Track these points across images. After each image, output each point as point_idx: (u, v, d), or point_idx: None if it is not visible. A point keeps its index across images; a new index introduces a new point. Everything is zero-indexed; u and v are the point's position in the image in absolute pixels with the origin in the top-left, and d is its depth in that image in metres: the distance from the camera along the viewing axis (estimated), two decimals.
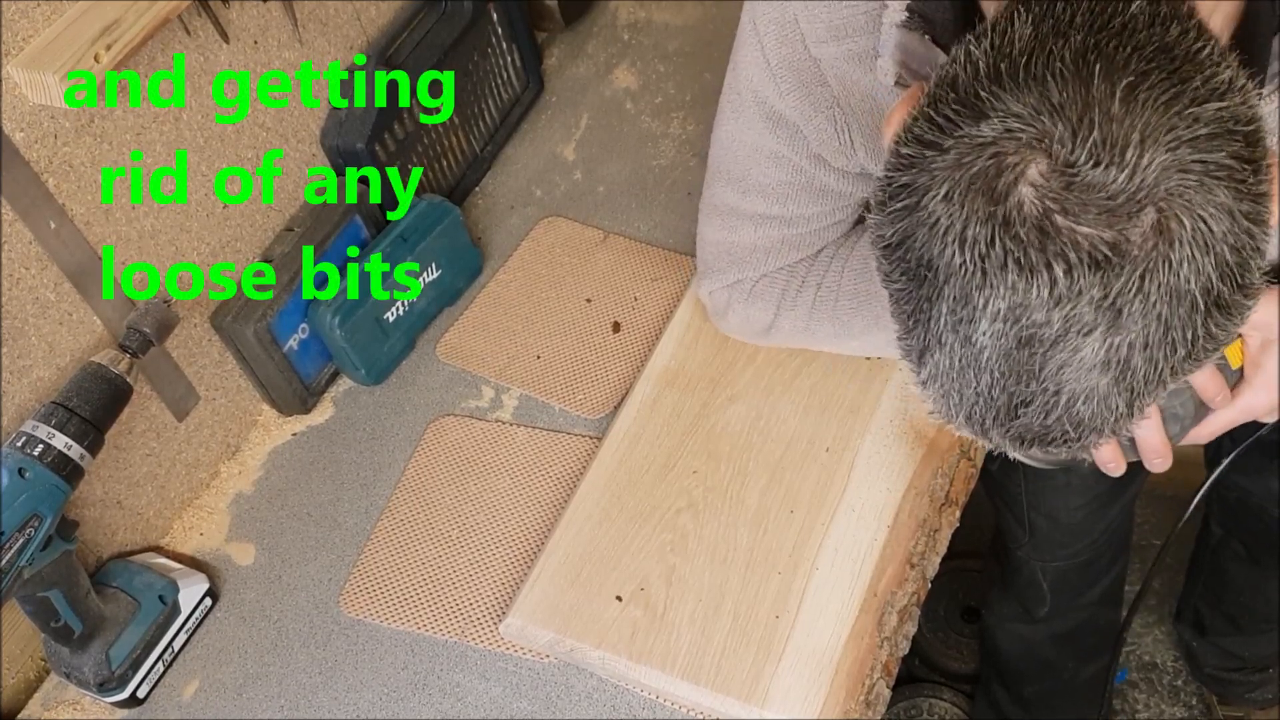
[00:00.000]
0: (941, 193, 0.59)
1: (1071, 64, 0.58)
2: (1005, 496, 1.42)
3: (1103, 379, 0.60)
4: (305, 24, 1.26)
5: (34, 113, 1.01)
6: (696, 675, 1.02)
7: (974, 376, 0.62)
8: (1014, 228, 0.57)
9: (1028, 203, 0.57)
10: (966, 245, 0.59)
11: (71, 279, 1.08)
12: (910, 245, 0.62)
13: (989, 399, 0.62)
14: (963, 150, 0.59)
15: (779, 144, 1.02)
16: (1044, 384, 0.60)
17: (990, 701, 1.72)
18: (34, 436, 1.00)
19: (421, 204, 1.33)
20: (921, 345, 0.64)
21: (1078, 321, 0.58)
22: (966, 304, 0.60)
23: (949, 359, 0.62)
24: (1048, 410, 0.62)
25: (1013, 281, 0.58)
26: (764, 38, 0.96)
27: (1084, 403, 0.61)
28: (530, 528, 1.17)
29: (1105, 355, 0.59)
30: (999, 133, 0.58)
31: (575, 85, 1.59)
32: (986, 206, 0.58)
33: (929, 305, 0.62)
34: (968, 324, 0.60)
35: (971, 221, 0.58)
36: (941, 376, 0.64)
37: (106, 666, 1.10)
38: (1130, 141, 0.56)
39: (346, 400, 1.33)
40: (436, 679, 1.10)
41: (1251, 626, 1.65)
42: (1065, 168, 0.57)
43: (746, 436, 1.16)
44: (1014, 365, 0.60)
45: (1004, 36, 0.60)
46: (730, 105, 1.04)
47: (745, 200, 1.07)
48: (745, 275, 1.12)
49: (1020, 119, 0.57)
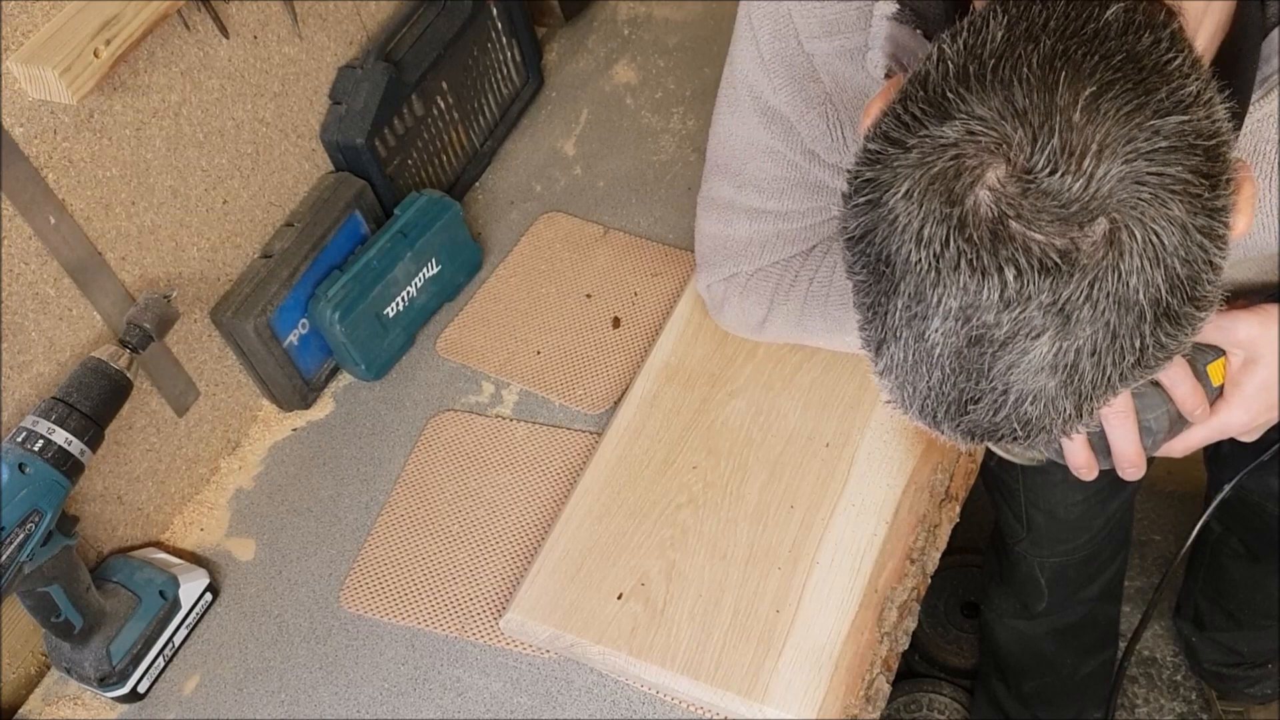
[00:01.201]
0: (902, 190, 0.60)
1: (1038, 69, 0.58)
2: (1004, 492, 1.42)
3: (1050, 381, 0.61)
4: (305, 19, 1.25)
5: (34, 108, 1.01)
6: (696, 670, 1.03)
7: (926, 371, 0.63)
8: (969, 230, 0.58)
9: (984, 206, 0.58)
10: (923, 244, 0.60)
11: (71, 274, 1.08)
12: (871, 240, 0.63)
13: (940, 394, 0.64)
14: (925, 150, 0.60)
15: (773, 139, 1.02)
16: (993, 383, 0.62)
17: (990, 697, 1.72)
18: (34, 432, 1.00)
19: (421, 199, 1.33)
20: (879, 337, 0.65)
21: (1027, 324, 0.59)
22: (921, 301, 0.61)
23: (903, 352, 0.64)
24: (996, 408, 0.63)
25: (964, 282, 0.59)
26: (758, 32, 0.96)
27: (1031, 403, 0.62)
28: (530, 523, 1.17)
29: (1054, 359, 0.60)
30: (961, 135, 0.59)
31: (575, 80, 1.58)
32: (944, 207, 0.59)
33: (886, 299, 0.63)
34: (921, 320, 0.61)
35: (929, 220, 0.59)
36: (896, 369, 0.65)
37: (107, 661, 1.10)
38: (1088, 151, 0.57)
39: (347, 396, 1.33)
40: (437, 674, 1.10)
41: (1251, 622, 1.65)
42: (1023, 174, 0.57)
43: (746, 432, 1.16)
44: (964, 363, 0.62)
45: (977, 37, 0.61)
46: (726, 100, 1.04)
47: (741, 194, 1.07)
48: (740, 269, 1.12)
49: (983, 122, 0.58)
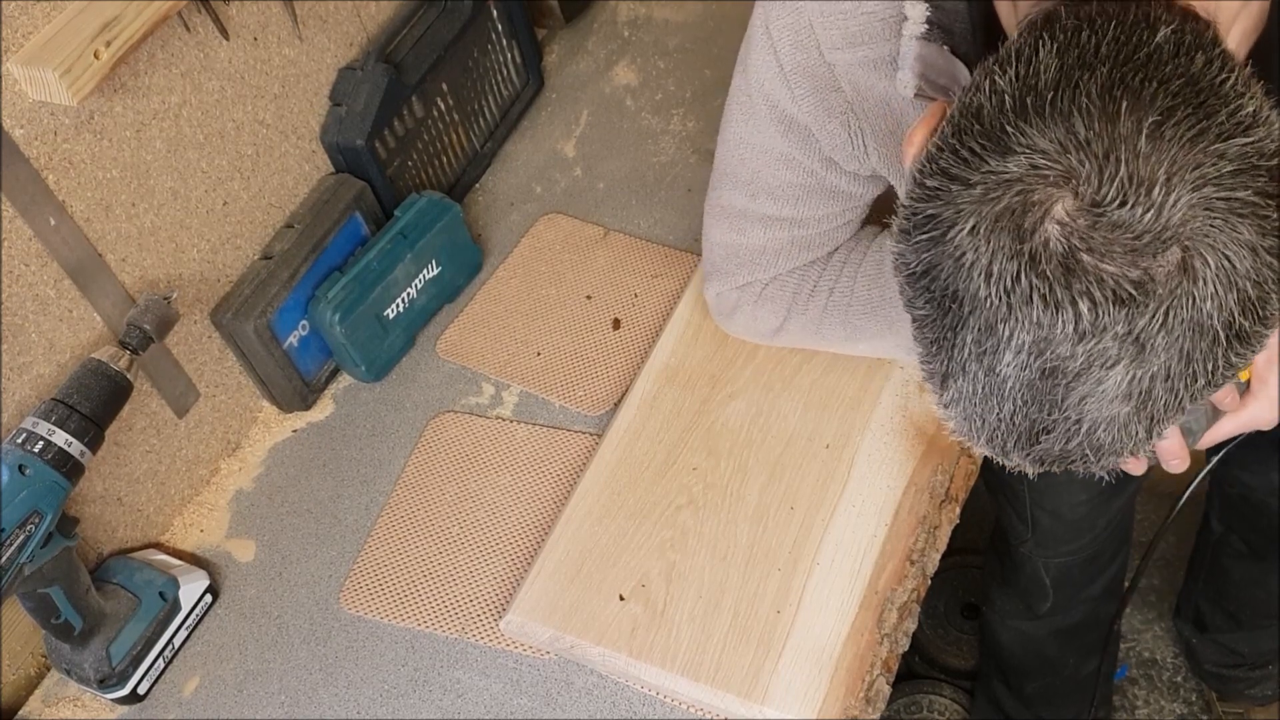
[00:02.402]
0: (968, 227, 0.60)
1: (1098, 99, 0.58)
2: (1008, 493, 1.42)
3: (1124, 408, 0.61)
4: (305, 20, 1.25)
5: (34, 109, 1.01)
6: (696, 672, 1.02)
7: (996, 404, 0.63)
8: (1040, 265, 0.58)
9: (1054, 240, 0.58)
10: (993, 279, 0.59)
11: (71, 276, 1.08)
12: (936, 275, 0.62)
13: (1010, 425, 0.63)
14: (989, 185, 0.59)
15: (790, 147, 1.02)
16: (1066, 413, 0.61)
17: (990, 698, 1.72)
18: (34, 433, 1.00)
19: (422, 201, 1.33)
20: (944, 370, 0.65)
21: (1101, 355, 0.59)
22: (991, 335, 0.60)
23: (972, 386, 0.63)
24: (1068, 437, 0.62)
25: (1038, 316, 0.58)
26: (778, 43, 0.95)
27: (1104, 430, 0.62)
28: (530, 524, 1.17)
29: (1128, 387, 0.60)
30: (1025, 169, 0.58)
31: (575, 82, 1.58)
32: (1013, 244, 0.58)
33: (953, 334, 0.63)
34: (992, 354, 0.61)
35: (998, 257, 0.59)
36: (964, 401, 0.64)
37: (107, 663, 1.10)
38: (1156, 180, 0.56)
39: (347, 397, 1.33)
40: (437, 676, 1.10)
41: (1252, 622, 1.65)
42: (1091, 206, 0.57)
43: (747, 433, 1.16)
44: (1036, 395, 0.61)
45: (1029, 66, 0.60)
46: (740, 108, 1.04)
47: (755, 203, 1.07)
48: (755, 278, 1.12)
49: (1046, 155, 0.58)
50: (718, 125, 1.47)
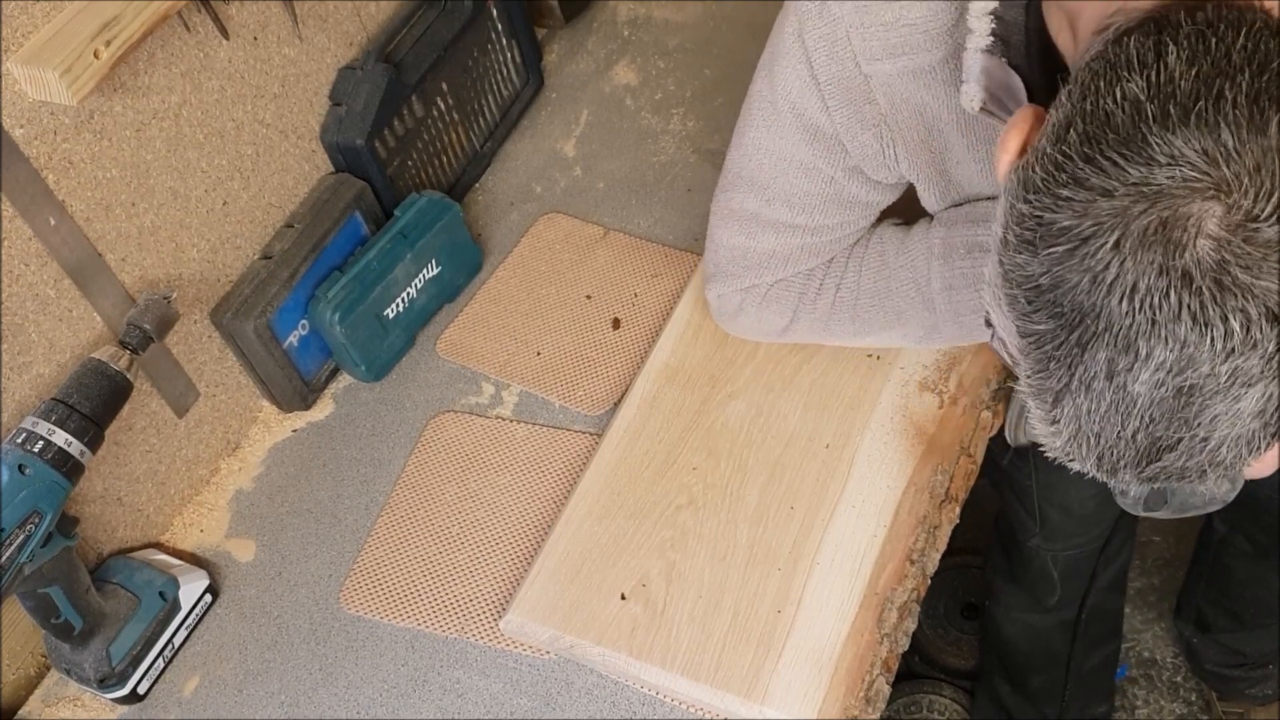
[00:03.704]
0: (1110, 241, 0.58)
1: (1245, 108, 0.56)
2: (1016, 489, 1.43)
3: (1254, 424, 0.60)
4: (305, 20, 1.25)
5: (34, 109, 1.01)
6: (696, 672, 1.02)
7: (1120, 422, 0.61)
8: (1193, 280, 0.56)
9: (1206, 255, 0.56)
10: (1138, 295, 0.57)
11: (71, 275, 1.08)
12: (1066, 289, 0.60)
13: (1130, 443, 0.62)
14: (1133, 197, 0.57)
15: (815, 157, 1.01)
16: (1194, 431, 0.60)
17: (992, 696, 1.72)
18: (34, 433, 1.00)
19: (421, 200, 1.33)
20: (1060, 386, 0.62)
21: (1244, 374, 0.57)
22: (1128, 353, 0.59)
23: (1095, 403, 0.61)
24: (1190, 454, 0.61)
25: (1184, 334, 0.57)
26: (812, 53, 0.94)
27: (1229, 447, 0.61)
28: (530, 524, 1.17)
29: (1263, 405, 0.59)
30: (1174, 181, 0.56)
31: (575, 81, 1.58)
32: (1162, 259, 0.57)
33: (1080, 350, 0.61)
34: (1125, 373, 0.59)
35: (1145, 272, 0.57)
36: (1080, 419, 0.62)
37: (107, 663, 1.10)
38: None
39: (346, 397, 1.33)
40: (436, 675, 1.10)
41: (1254, 622, 1.65)
42: (1246, 221, 0.56)
43: (746, 433, 1.16)
44: (1167, 413, 0.60)
45: (1159, 73, 0.59)
46: (762, 114, 1.03)
47: (769, 208, 1.07)
48: (761, 280, 1.12)
49: (1195, 166, 0.56)
50: (718, 125, 1.47)
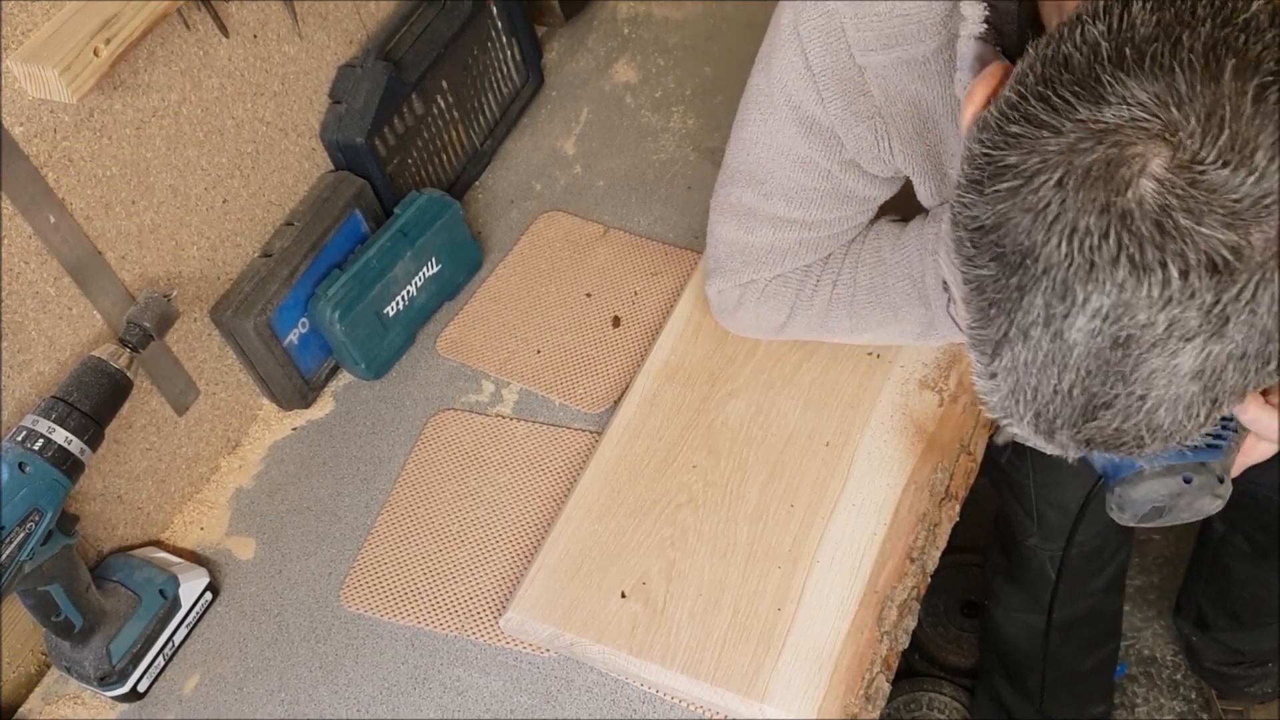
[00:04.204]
0: (1055, 178, 0.57)
1: (1201, 56, 0.55)
2: (1013, 488, 1.42)
3: (1192, 387, 0.58)
4: (305, 18, 1.25)
5: (33, 107, 1.01)
6: (696, 670, 1.02)
7: (1056, 374, 0.59)
8: (1133, 222, 0.55)
9: (1149, 197, 0.55)
10: (1077, 235, 0.56)
11: (71, 274, 1.08)
12: (1008, 230, 0.59)
13: (1067, 398, 0.60)
14: (1081, 135, 0.56)
15: (811, 150, 1.01)
16: (1131, 387, 0.58)
17: (992, 694, 1.72)
18: (34, 431, 1.00)
19: (421, 198, 1.33)
20: (999, 336, 0.61)
21: (1182, 326, 0.56)
22: (1065, 297, 0.57)
23: (1032, 353, 0.60)
24: (1127, 414, 0.59)
25: (1122, 278, 0.56)
26: (807, 45, 0.94)
27: (1166, 409, 0.59)
28: (530, 522, 1.17)
29: (1201, 364, 0.57)
30: (1123, 120, 0.55)
31: (575, 79, 1.58)
32: (1105, 196, 0.55)
33: (1019, 295, 0.59)
34: (1062, 318, 0.58)
35: (1086, 211, 0.56)
36: (1018, 370, 0.61)
37: (107, 661, 1.10)
38: (1260, 144, 0.54)
39: (347, 395, 1.33)
40: (436, 673, 1.10)
41: (1253, 621, 1.65)
42: (1191, 164, 0.54)
43: (746, 431, 1.16)
44: (1103, 365, 0.58)
45: (1121, 20, 0.58)
46: (758, 108, 1.03)
47: (766, 203, 1.07)
48: (759, 275, 1.12)
49: (1145, 107, 0.55)
50: (718, 123, 1.47)
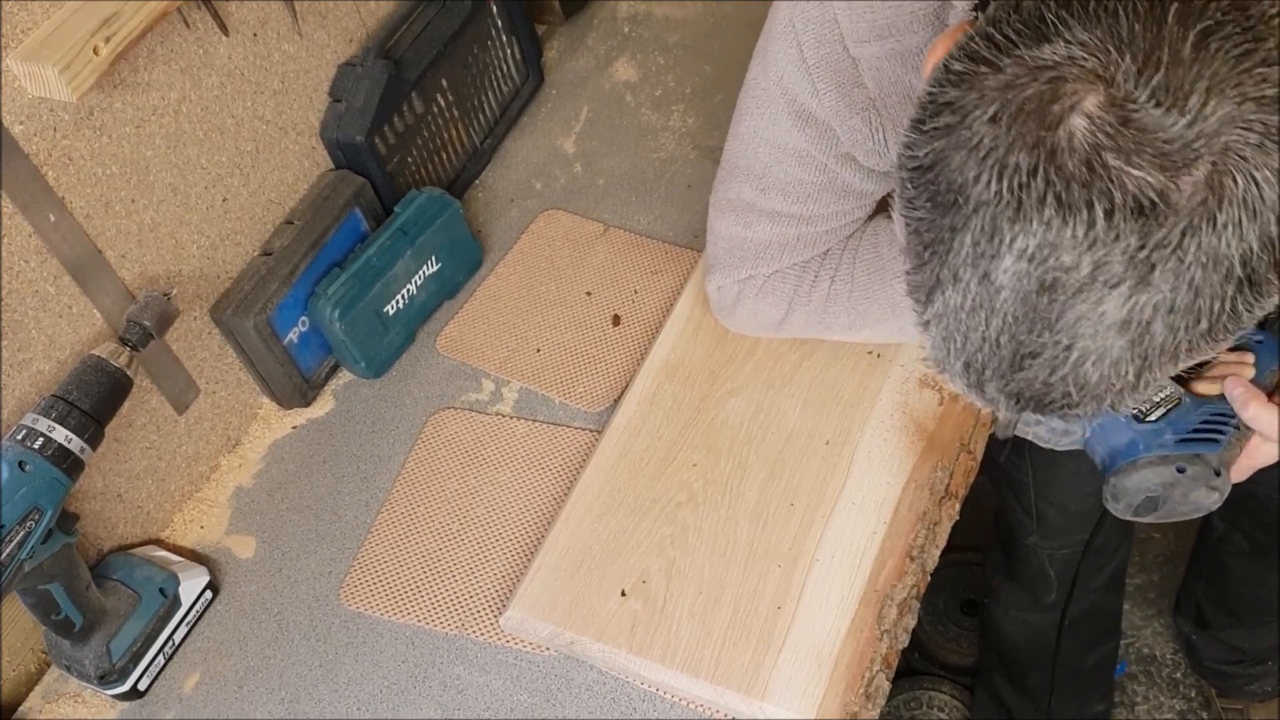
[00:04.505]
0: (989, 113, 0.57)
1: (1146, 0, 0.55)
2: (1013, 486, 1.42)
3: (1119, 340, 0.57)
4: (305, 17, 1.25)
5: (33, 105, 1.00)
6: (696, 668, 1.03)
7: (984, 319, 0.59)
8: (1060, 158, 0.55)
9: (1079, 134, 0.55)
10: (1006, 172, 0.56)
11: (71, 272, 1.08)
12: (943, 168, 0.59)
13: (995, 346, 0.60)
14: (1019, 71, 0.56)
15: (807, 143, 1.01)
16: (1057, 335, 0.58)
17: (991, 693, 1.72)
18: (34, 430, 1.00)
19: (421, 197, 1.33)
20: (933, 280, 0.61)
21: (1107, 271, 0.55)
22: (993, 237, 0.57)
23: (961, 296, 0.59)
24: (1054, 366, 0.59)
25: (1048, 217, 0.55)
26: (801, 36, 0.95)
27: (1094, 364, 0.58)
28: (530, 521, 1.17)
29: (1127, 314, 0.56)
30: (1061, 58, 0.55)
31: (575, 78, 1.58)
32: (1035, 132, 0.55)
33: (950, 235, 0.59)
34: (990, 259, 0.57)
35: (1016, 147, 0.56)
36: (949, 316, 0.61)
37: (107, 659, 1.10)
38: (1195, 89, 0.54)
39: (347, 393, 1.33)
40: (437, 672, 1.10)
41: (1253, 619, 1.65)
42: (1125, 102, 0.54)
43: (746, 430, 1.16)
44: (1030, 310, 0.58)
45: None
46: (755, 101, 1.03)
47: (764, 197, 1.07)
48: (758, 271, 1.12)
49: (1085, 47, 0.55)
50: (718, 121, 1.48)
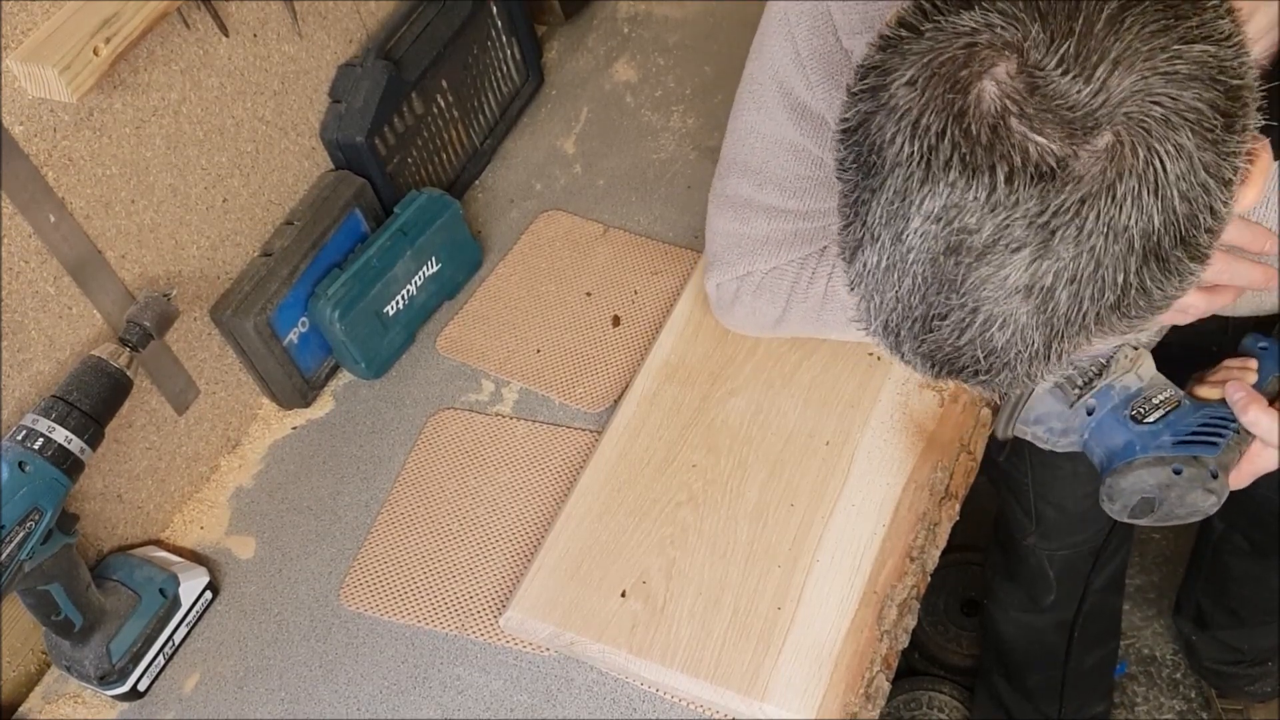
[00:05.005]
0: (907, 76, 0.59)
1: None
2: (1012, 487, 1.43)
3: (1023, 306, 0.59)
4: (305, 17, 1.25)
5: (33, 106, 1.01)
6: (696, 669, 1.03)
7: (897, 279, 0.61)
8: (967, 120, 0.57)
9: (987, 99, 0.57)
10: (918, 133, 0.58)
11: (71, 273, 1.08)
12: (866, 129, 0.61)
13: (908, 306, 0.62)
14: (938, 37, 0.58)
15: (801, 136, 1.02)
16: (963, 298, 0.60)
17: (991, 693, 1.72)
18: (34, 430, 1.00)
19: (421, 198, 1.33)
20: (856, 241, 0.63)
21: (1008, 235, 0.57)
22: (905, 199, 0.59)
23: (877, 256, 0.62)
24: (962, 328, 0.61)
25: (954, 179, 0.57)
26: (795, 29, 0.95)
27: (1000, 328, 0.60)
28: (530, 521, 1.17)
29: (1029, 279, 0.58)
30: (978, 24, 0.57)
31: (575, 79, 1.58)
32: (946, 95, 0.57)
33: (870, 196, 0.61)
34: (901, 220, 0.60)
35: (929, 109, 0.58)
36: (868, 276, 0.63)
37: (107, 660, 1.10)
38: (1104, 59, 0.55)
39: (346, 394, 1.33)
40: (436, 672, 1.10)
41: (1253, 619, 1.65)
42: (1034, 70, 0.56)
43: (746, 430, 1.16)
44: (937, 272, 0.60)
45: None
46: (751, 96, 1.03)
47: (761, 193, 1.07)
48: (755, 267, 1.12)
49: (1003, 15, 0.57)
50: (718, 122, 1.48)
